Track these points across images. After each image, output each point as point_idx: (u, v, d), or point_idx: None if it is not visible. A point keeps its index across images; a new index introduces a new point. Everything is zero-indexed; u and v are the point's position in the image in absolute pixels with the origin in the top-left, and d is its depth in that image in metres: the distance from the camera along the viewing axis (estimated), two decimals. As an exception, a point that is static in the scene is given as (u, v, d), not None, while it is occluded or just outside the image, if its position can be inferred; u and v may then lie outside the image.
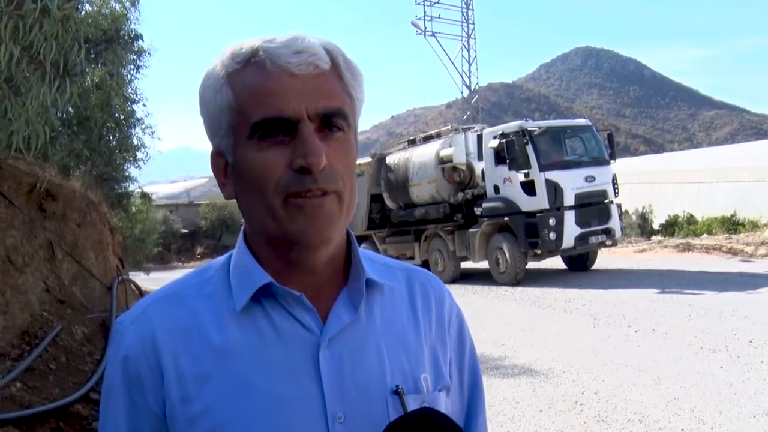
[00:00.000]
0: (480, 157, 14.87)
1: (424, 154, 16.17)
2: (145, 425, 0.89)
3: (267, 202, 0.86)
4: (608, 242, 13.82)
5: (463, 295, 12.52)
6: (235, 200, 0.93)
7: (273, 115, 0.84)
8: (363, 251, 1.00)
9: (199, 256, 40.56)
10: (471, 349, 1.10)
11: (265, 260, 0.92)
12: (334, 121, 0.87)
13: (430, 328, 1.02)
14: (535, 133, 13.32)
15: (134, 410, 0.89)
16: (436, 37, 30.11)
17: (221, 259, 0.99)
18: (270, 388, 0.87)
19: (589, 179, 13.34)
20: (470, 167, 15.31)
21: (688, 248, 16.93)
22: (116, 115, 11.56)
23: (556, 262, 15.13)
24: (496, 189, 13.99)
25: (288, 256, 0.91)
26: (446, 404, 0.98)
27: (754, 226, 20.10)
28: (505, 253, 13.56)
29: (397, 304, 1.00)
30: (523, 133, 13.37)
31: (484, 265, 14.76)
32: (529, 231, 13.10)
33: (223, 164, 0.93)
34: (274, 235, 0.89)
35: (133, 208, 17.70)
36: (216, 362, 0.88)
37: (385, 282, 0.99)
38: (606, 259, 15.84)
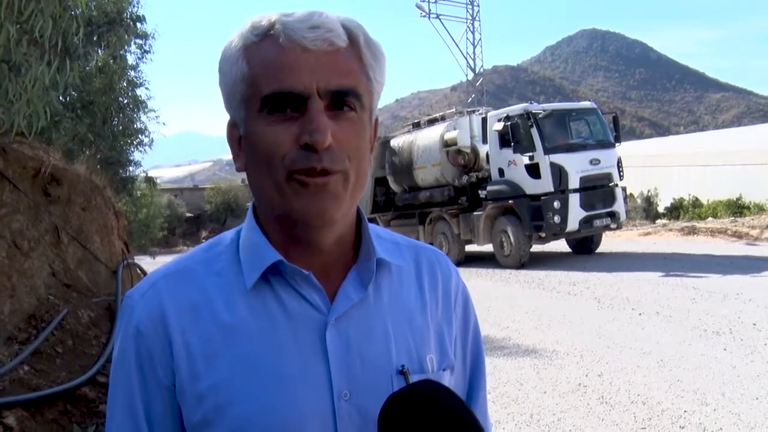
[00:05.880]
0: (485, 140, 14.83)
1: (429, 137, 16.13)
2: (156, 397, 0.90)
3: (273, 177, 0.86)
4: (613, 225, 13.77)
5: (467, 278, 12.42)
6: (245, 175, 0.93)
7: (283, 89, 0.84)
8: (371, 227, 1.00)
9: (203, 240, 40.38)
10: (475, 326, 1.10)
11: (274, 238, 0.93)
12: (346, 100, 0.86)
13: (436, 307, 1.02)
14: (539, 116, 13.26)
15: (145, 383, 0.90)
16: (440, 20, 29.85)
17: (230, 234, 0.99)
18: (277, 366, 0.87)
19: (594, 162, 13.28)
20: (475, 150, 15.26)
21: (693, 231, 16.90)
22: (120, 99, 11.57)
23: (560, 245, 15.12)
24: (501, 172, 13.95)
25: (294, 233, 0.91)
26: (450, 382, 0.99)
27: (760, 209, 20.06)
28: (509, 236, 13.56)
29: (404, 284, 1.00)
30: (527, 116, 13.30)
31: (488, 248, 14.76)
32: (533, 214, 13.07)
33: (237, 136, 0.93)
34: (280, 211, 0.89)
35: (138, 193, 17.76)
36: (224, 340, 0.88)
37: (393, 261, 0.99)
38: (610, 242, 15.83)
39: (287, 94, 0.84)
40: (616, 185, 13.68)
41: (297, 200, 0.86)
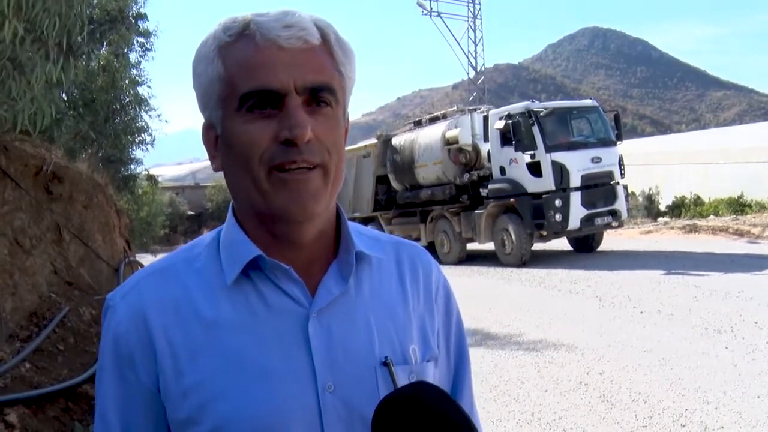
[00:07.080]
0: (486, 139, 14.81)
1: (430, 135, 16.13)
2: (136, 400, 0.90)
3: (252, 175, 0.87)
4: (614, 224, 13.77)
5: (468, 276, 12.53)
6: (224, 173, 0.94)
7: (260, 87, 0.85)
8: (352, 225, 1.01)
9: (204, 239, 40.61)
10: (458, 319, 1.11)
11: (254, 235, 0.93)
12: (321, 95, 0.88)
13: (418, 300, 1.03)
14: (541, 114, 13.26)
15: (125, 386, 0.90)
16: (441, 18, 29.79)
17: (210, 234, 1.00)
18: (260, 361, 0.88)
19: (596, 160, 13.27)
20: (476, 148, 15.26)
21: (694, 229, 16.87)
22: (122, 97, 11.58)
23: (561, 244, 15.12)
24: (502, 170, 13.95)
25: (274, 230, 0.91)
26: (434, 374, 1.00)
27: (761, 207, 20.03)
28: (510, 235, 13.56)
29: (385, 277, 1.01)
30: (529, 114, 13.30)
31: (489, 246, 14.76)
32: (535, 212, 13.08)
33: (214, 137, 0.93)
34: (260, 208, 0.90)
35: (140, 191, 17.78)
36: (207, 336, 0.89)
37: (373, 255, 0.99)
38: (612, 240, 15.80)
39: (265, 92, 0.85)
40: (618, 183, 13.67)
41: (278, 196, 0.87)
